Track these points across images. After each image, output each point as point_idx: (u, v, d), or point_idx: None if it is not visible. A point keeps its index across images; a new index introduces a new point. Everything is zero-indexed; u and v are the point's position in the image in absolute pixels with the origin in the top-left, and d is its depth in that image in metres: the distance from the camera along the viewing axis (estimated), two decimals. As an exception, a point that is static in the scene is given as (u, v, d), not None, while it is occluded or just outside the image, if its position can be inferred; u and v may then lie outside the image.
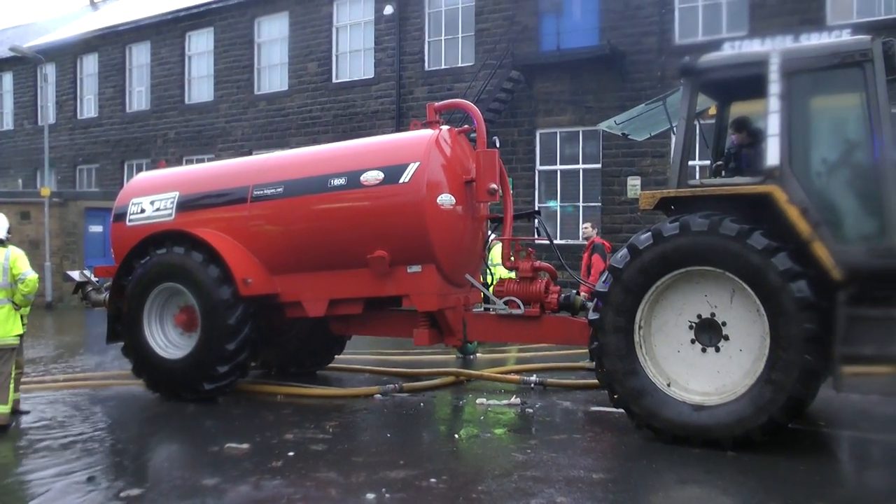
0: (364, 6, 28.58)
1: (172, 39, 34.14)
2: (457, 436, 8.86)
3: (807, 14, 20.37)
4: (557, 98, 23.87)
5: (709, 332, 8.01)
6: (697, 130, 9.13)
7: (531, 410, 9.80)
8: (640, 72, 22.52)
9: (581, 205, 23.92)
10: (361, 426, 9.43)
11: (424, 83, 26.63)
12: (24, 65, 38.54)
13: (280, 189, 10.43)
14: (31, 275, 9.25)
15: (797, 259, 7.41)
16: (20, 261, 9.25)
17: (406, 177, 9.64)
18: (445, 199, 9.77)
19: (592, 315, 8.51)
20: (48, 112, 35.37)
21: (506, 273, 10.87)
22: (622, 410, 8.42)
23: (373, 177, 9.82)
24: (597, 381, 9.49)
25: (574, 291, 10.64)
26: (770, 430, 7.53)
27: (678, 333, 8.13)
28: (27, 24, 49.47)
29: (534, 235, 15.74)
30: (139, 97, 36.01)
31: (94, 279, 12.27)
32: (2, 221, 9.48)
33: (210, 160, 27.48)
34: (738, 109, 9.58)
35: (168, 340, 10.80)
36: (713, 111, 9.89)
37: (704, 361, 8.02)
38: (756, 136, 8.79)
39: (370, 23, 28.33)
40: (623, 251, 8.28)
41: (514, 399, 10.19)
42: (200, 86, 33.64)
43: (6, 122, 42.51)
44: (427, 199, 9.61)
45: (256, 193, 10.58)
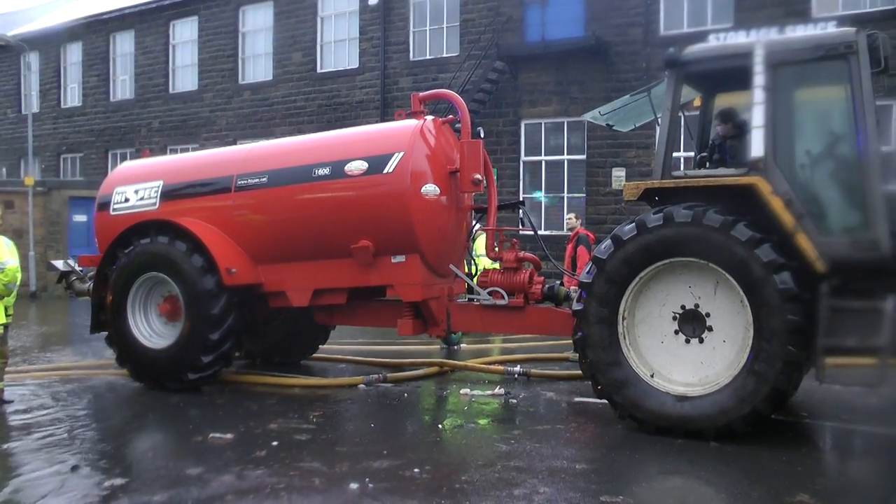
0: (349, -4, 28.55)
1: (157, 28, 33.98)
2: (440, 426, 8.87)
3: (792, 6, 20.42)
4: (542, 89, 23.89)
5: (692, 323, 8.04)
6: (682, 122, 9.13)
7: (515, 401, 9.81)
8: (626, 63, 22.56)
9: (566, 196, 23.96)
10: (345, 416, 9.42)
11: (409, 73, 26.59)
12: (8, 53, 38.31)
13: (264, 179, 10.40)
14: (11, 264, 9.21)
15: (781, 251, 7.44)
16: (0, 250, 9.20)
17: (390, 167, 9.63)
18: (430, 190, 9.77)
19: (576, 306, 8.49)
20: (32, 101, 35.19)
21: (489, 263, 10.88)
22: (605, 401, 8.44)
23: (357, 167, 9.80)
24: (580, 372, 9.51)
25: (558, 282, 10.63)
26: (753, 421, 7.57)
27: (662, 324, 8.16)
28: (11, 13, 49.12)
29: (518, 226, 15.73)
30: (123, 86, 35.87)
31: (79, 268, 12.23)
32: None
33: (194, 149, 27.36)
34: (723, 101, 9.61)
35: (152, 330, 10.77)
36: (698, 103, 9.90)
37: (688, 352, 8.05)
38: (740, 128, 8.80)
39: (355, 13, 28.27)
40: (607, 242, 8.28)
41: (498, 389, 10.21)
42: (185, 75, 33.52)
43: (-11, 111, 42.26)
44: (411, 189, 9.60)
45: (240, 183, 10.54)
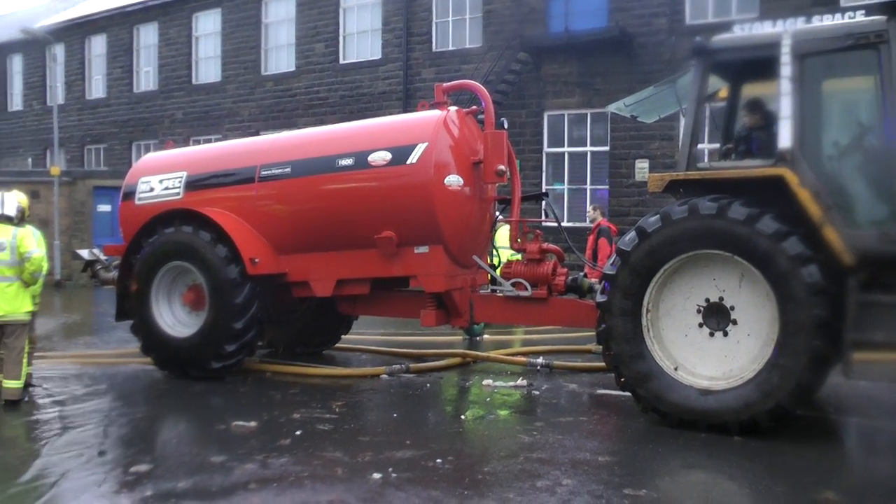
0: (372, -13, 28.51)
1: (180, 20, 34.10)
2: (463, 417, 8.85)
3: (819, -5, 20.19)
4: (565, 80, 23.77)
5: (717, 317, 7.95)
6: (707, 113, 9.06)
7: (537, 392, 9.79)
8: (650, 54, 22.36)
9: (588, 187, 23.87)
10: (368, 406, 9.44)
11: (432, 64, 26.53)
12: (34, 46, 38.58)
13: (288, 169, 10.41)
14: (37, 253, 9.27)
15: (807, 243, 7.34)
16: (27, 239, 9.27)
17: (414, 157, 9.61)
18: (453, 180, 9.74)
19: (600, 298, 8.44)
20: (57, 93, 35.42)
21: (513, 255, 10.85)
22: (628, 394, 8.40)
23: (380, 157, 9.79)
24: (603, 364, 9.47)
25: (581, 274, 10.58)
26: (777, 416, 7.49)
27: (686, 317, 8.08)
28: (36, 6, 49.44)
29: (541, 217, 15.68)
30: (147, 78, 36.04)
31: (103, 257, 12.30)
32: (10, 200, 9.50)
33: (217, 140, 27.42)
34: (750, 91, 9.50)
35: (176, 319, 10.82)
36: (723, 93, 9.80)
37: (712, 346, 7.97)
38: (767, 119, 8.70)
39: (377, 4, 28.22)
40: (631, 234, 8.22)
41: (521, 381, 10.18)
42: (208, 66, 33.62)
43: (16, 103, 42.69)
44: (434, 180, 9.58)
45: (264, 173, 10.56)
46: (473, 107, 10.56)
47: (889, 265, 7.41)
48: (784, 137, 7.64)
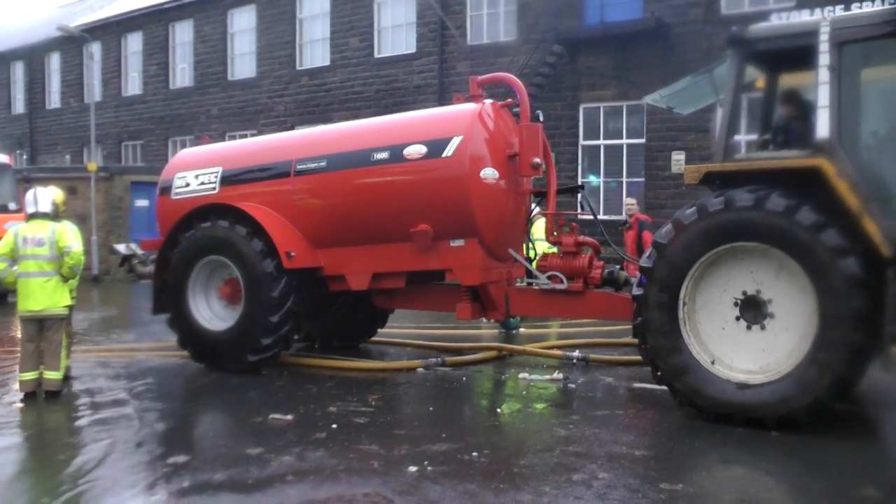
0: (406, -19, 28.48)
1: (215, 17, 34.30)
2: (499, 410, 8.85)
3: (857, -17, 19.93)
4: (601, 72, 23.64)
5: (754, 310, 7.85)
6: (744, 103, 8.95)
7: (573, 386, 9.75)
8: (686, 44, 22.03)
9: (624, 180, 23.75)
10: (404, 399, 9.45)
11: (466, 58, 26.46)
12: (71, 44, 38.99)
13: (323, 163, 10.42)
14: (76, 248, 9.38)
15: (846, 235, 7.23)
16: (66, 234, 9.38)
17: (449, 151, 9.60)
18: (488, 173, 9.72)
19: (636, 291, 8.38)
20: (94, 90, 35.76)
21: (548, 248, 10.81)
22: (665, 387, 8.32)
23: (416, 150, 9.78)
24: (640, 358, 9.42)
25: (618, 266, 10.53)
26: (815, 411, 7.37)
27: (723, 310, 7.99)
28: (73, 4, 49.96)
29: (577, 210, 15.59)
30: (182, 74, 36.35)
31: (140, 252, 12.40)
32: (45, 195, 9.61)
33: (252, 135, 27.56)
34: (787, 81, 9.39)
35: (212, 312, 10.90)
36: (760, 83, 9.70)
37: (749, 339, 7.87)
38: (805, 109, 8.58)
39: (412, -3, 28.23)
40: (667, 226, 8.15)
41: (557, 374, 10.15)
42: (243, 62, 33.80)
43: (54, 101, 43.26)
44: (470, 173, 9.56)
45: (300, 167, 10.58)
46: (509, 100, 10.51)
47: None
48: (822, 128, 7.55)
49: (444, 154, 9.61)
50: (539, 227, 11.64)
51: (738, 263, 7.88)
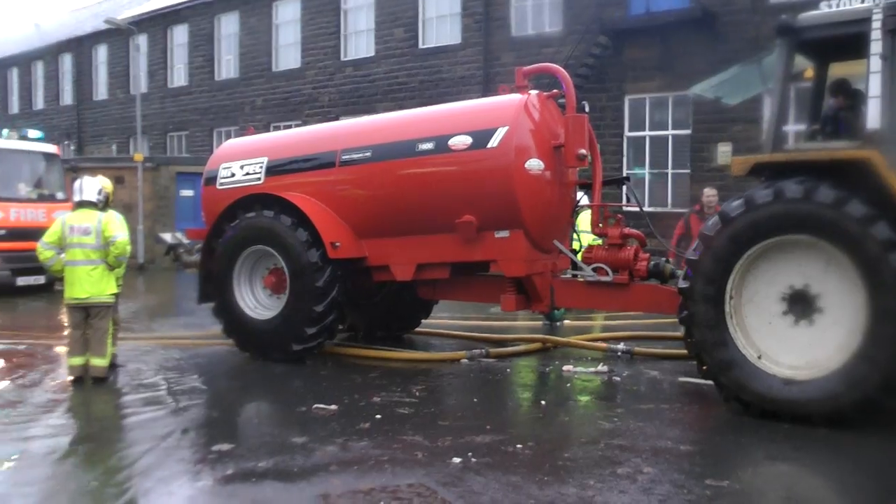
0: (450, -29, 28.39)
1: (260, 9, 34.49)
2: (543, 402, 8.77)
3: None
4: (646, 63, 23.42)
5: (802, 304, 7.69)
6: (793, 93, 8.81)
7: (618, 379, 9.67)
8: (733, 33, 21.63)
9: (670, 171, 23.55)
10: (448, 390, 9.45)
11: (511, 49, 26.33)
12: (118, 36, 39.52)
13: (368, 153, 10.41)
14: (122, 237, 9.48)
15: (898, 228, 7.12)
16: (111, 224, 9.49)
17: (494, 141, 9.54)
18: (534, 164, 9.65)
19: (682, 283, 8.27)
20: (140, 81, 36.12)
21: (594, 240, 10.74)
22: (711, 382, 8.22)
23: (461, 141, 9.74)
24: (685, 352, 9.33)
25: (663, 259, 10.42)
26: (864, 408, 7.21)
27: (770, 304, 7.84)
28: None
29: (622, 202, 15.48)
30: (228, 66, 36.59)
31: (186, 241, 12.53)
32: (91, 184, 9.72)
33: (297, 126, 27.66)
34: (837, 71, 9.23)
35: (257, 302, 10.95)
36: (810, 73, 9.53)
37: (796, 334, 7.72)
38: (855, 99, 8.44)
39: (456, -12, 28.13)
40: (714, 219, 8.04)
41: (601, 367, 10.09)
42: (288, 53, 33.95)
43: (101, 92, 43.85)
44: (515, 164, 9.50)
45: (344, 158, 10.58)
46: (554, 90, 10.44)
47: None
48: (872, 118, 7.41)
49: (490, 145, 9.56)
50: (584, 219, 11.56)
51: (786, 257, 7.74)
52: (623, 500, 5.68)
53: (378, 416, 7.86)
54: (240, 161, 11.63)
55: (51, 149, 21.05)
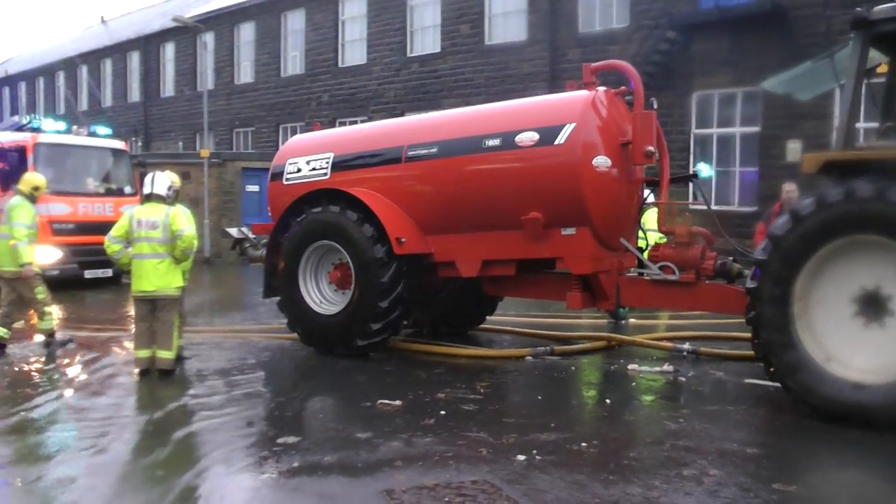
0: (517, -33, 28.25)
1: (326, 5, 34.72)
2: (608, 401, 8.71)
3: None
4: (715, 58, 23.06)
5: (873, 306, 7.50)
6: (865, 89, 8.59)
7: (683, 379, 9.56)
8: (805, 28, 21.18)
9: (737, 169, 23.21)
10: (512, 387, 9.42)
11: (578, 45, 26.17)
12: (185, 34, 40.13)
13: (434, 149, 10.42)
14: (188, 231, 9.59)
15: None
16: (178, 218, 9.60)
17: (561, 138, 9.49)
18: (601, 161, 9.58)
19: (750, 283, 8.13)
20: (207, 78, 36.67)
21: (660, 238, 10.64)
22: (777, 384, 8.08)
23: (528, 138, 9.70)
24: (752, 353, 9.18)
25: (731, 258, 10.26)
26: (940, 417, 7.03)
27: (840, 306, 7.64)
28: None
29: (689, 200, 15.30)
30: (294, 62, 36.89)
31: (252, 236, 12.62)
32: (162, 179, 9.86)
33: (363, 122, 27.80)
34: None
35: (322, 296, 11.02)
36: (884, 68, 9.31)
37: (867, 337, 7.52)
38: (931, 96, 8.26)
39: (523, -16, 27.98)
40: (784, 218, 7.88)
41: (667, 366, 9.99)
42: (353, 49, 34.13)
43: (168, 89, 44.57)
44: (582, 161, 9.44)
45: (410, 154, 10.60)
46: (622, 87, 10.35)
47: None
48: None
49: (557, 141, 9.51)
50: (651, 217, 11.45)
51: (858, 258, 7.55)
52: (689, 503, 5.62)
53: (442, 413, 7.88)
54: (306, 156, 11.71)
55: (118, 145, 21.44)
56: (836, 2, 20.32)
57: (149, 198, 9.77)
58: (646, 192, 11.04)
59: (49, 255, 16.50)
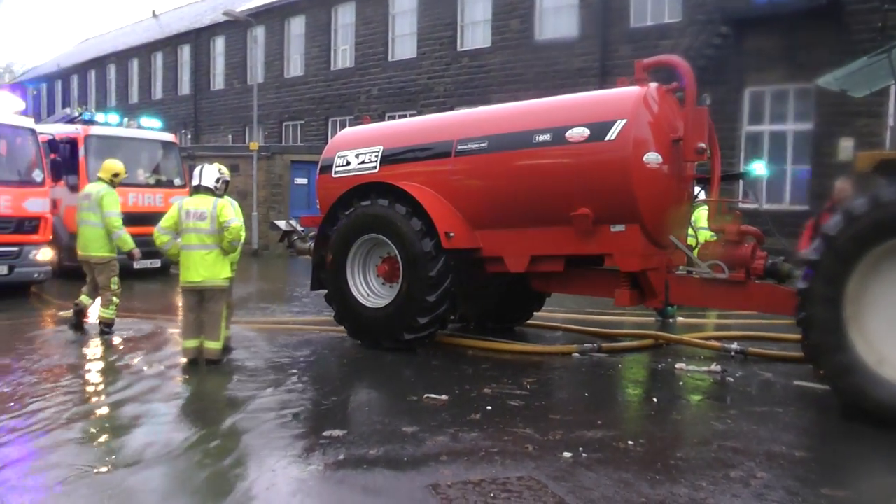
0: (568, -38, 28.09)
1: (377, -1, 34.79)
2: (654, 399, 8.64)
3: None
4: (768, 54, 22.78)
5: (927, 309, 7.39)
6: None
7: (731, 379, 9.46)
8: (860, 23, 20.84)
9: (789, 167, 22.91)
10: (559, 384, 9.39)
11: (629, 41, 25.99)
12: (236, 28, 40.43)
13: (484, 144, 10.40)
14: (236, 222, 9.66)
15: None
16: (226, 209, 9.68)
17: (612, 134, 9.42)
18: (652, 158, 9.49)
19: (801, 284, 8.00)
20: (257, 72, 36.91)
21: (710, 236, 10.54)
22: (827, 387, 7.97)
23: (578, 133, 9.64)
24: (801, 355, 9.05)
25: (782, 258, 10.13)
26: None
27: (893, 307, 7.49)
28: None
29: (739, 198, 15.11)
30: (343, 56, 37.05)
31: (300, 228, 12.68)
32: (210, 171, 9.94)
33: (412, 116, 27.82)
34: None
35: (370, 290, 11.06)
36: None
37: (921, 340, 7.40)
38: None
39: (574, -21, 27.82)
40: (837, 217, 7.75)
41: (714, 366, 9.88)
42: (403, 43, 34.18)
43: (218, 83, 45.00)
44: (633, 157, 9.36)
45: (460, 148, 10.59)
46: (674, 83, 10.25)
47: None
48: None
49: (608, 137, 9.45)
50: (701, 215, 11.35)
51: (912, 258, 7.44)
52: (736, 505, 5.55)
53: (489, 408, 7.86)
54: (355, 150, 11.74)
55: (168, 137, 21.70)
56: (894, -3, 19.97)
57: (197, 189, 9.88)
58: (696, 190, 10.93)
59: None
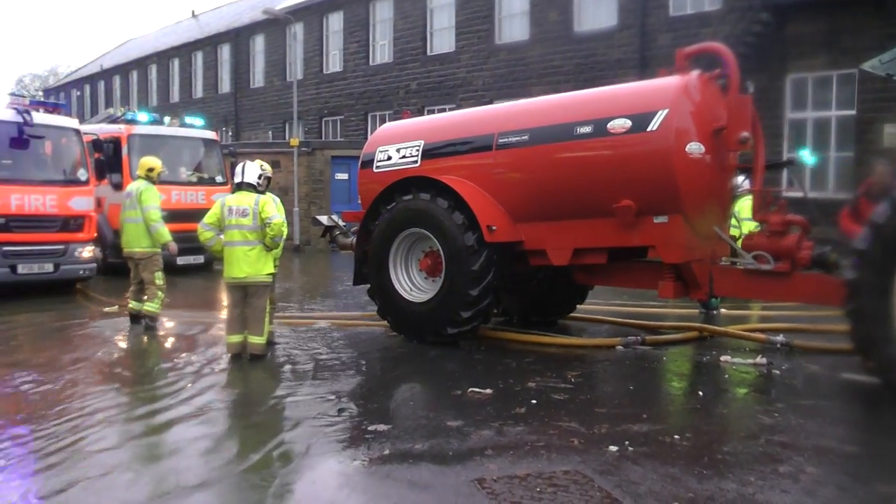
0: (606, -48, 27.90)
1: (415, -7, 34.79)
2: (700, 392, 8.55)
3: None
4: (810, 40, 22.45)
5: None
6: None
7: (777, 372, 9.33)
8: (906, 6, 20.61)
9: (833, 154, 22.59)
10: (603, 377, 9.33)
11: (668, 30, 25.74)
12: (275, 26, 40.75)
13: (525, 137, 10.35)
14: (277, 219, 9.72)
15: None
16: (268, 206, 9.75)
17: (654, 125, 9.33)
18: (694, 148, 9.39)
19: (849, 274, 7.89)
20: (296, 68, 37.08)
21: (755, 226, 10.42)
22: (876, 380, 7.85)
23: (620, 125, 9.57)
24: (848, 347, 8.94)
25: (829, 247, 9.98)
26: None
27: (943, 298, 7.38)
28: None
29: (783, 187, 14.88)
30: (382, 50, 37.09)
31: (342, 223, 12.72)
32: (252, 168, 10.02)
33: (451, 110, 27.79)
34: None
35: (413, 284, 11.07)
36: None
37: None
38: None
39: (612, -31, 27.62)
40: (885, 205, 7.62)
41: (760, 359, 9.75)
42: (441, 37, 34.14)
43: (258, 80, 45.32)
44: (676, 148, 9.27)
45: (501, 141, 10.55)
46: (716, 70, 10.11)
47: None
48: None
49: (650, 128, 9.35)
50: (745, 205, 11.21)
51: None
52: (785, 501, 5.46)
53: (533, 402, 7.84)
54: (396, 144, 11.75)
55: (210, 135, 21.90)
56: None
57: (239, 186, 9.95)
58: (740, 179, 10.81)
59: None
